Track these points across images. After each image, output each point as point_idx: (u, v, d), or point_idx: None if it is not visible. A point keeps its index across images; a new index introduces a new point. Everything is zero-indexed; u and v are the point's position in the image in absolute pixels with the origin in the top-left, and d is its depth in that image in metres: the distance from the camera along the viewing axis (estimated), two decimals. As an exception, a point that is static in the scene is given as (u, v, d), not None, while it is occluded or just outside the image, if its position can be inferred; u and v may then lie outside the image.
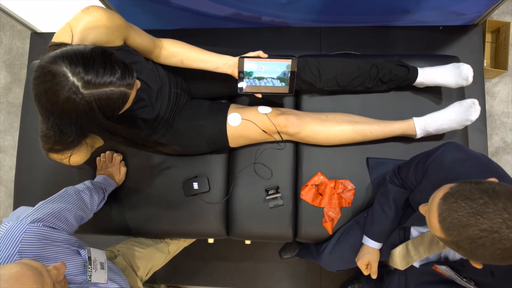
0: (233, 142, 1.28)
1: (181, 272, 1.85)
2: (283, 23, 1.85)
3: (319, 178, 1.34)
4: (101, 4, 1.63)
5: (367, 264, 1.14)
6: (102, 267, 0.94)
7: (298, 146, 1.39)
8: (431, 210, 0.71)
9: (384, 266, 1.32)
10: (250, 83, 1.17)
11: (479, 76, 1.78)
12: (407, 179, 1.05)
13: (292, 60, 1.13)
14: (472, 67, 1.22)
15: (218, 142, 1.27)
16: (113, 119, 0.85)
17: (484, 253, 0.64)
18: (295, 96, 1.43)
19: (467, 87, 1.29)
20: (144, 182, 1.37)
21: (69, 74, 0.74)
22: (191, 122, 1.25)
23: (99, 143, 1.10)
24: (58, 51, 0.77)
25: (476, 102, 1.18)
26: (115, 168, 1.33)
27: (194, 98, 1.35)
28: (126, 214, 1.37)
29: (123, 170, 1.35)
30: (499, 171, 0.86)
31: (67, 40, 0.86)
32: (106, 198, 1.24)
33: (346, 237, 1.25)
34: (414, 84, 1.31)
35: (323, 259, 1.31)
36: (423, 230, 1.06)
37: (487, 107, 1.86)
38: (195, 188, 1.33)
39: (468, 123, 1.20)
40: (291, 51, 1.53)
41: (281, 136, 1.27)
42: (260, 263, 1.83)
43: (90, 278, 0.88)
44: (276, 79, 1.17)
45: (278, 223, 1.35)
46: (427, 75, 1.27)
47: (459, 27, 1.83)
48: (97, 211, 1.19)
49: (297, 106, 1.43)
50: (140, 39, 1.04)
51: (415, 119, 1.26)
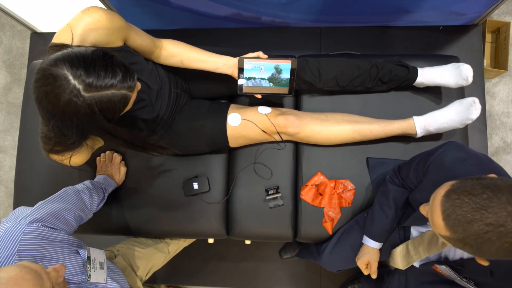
0: (233, 142, 1.28)
1: (181, 272, 1.85)
2: (283, 23, 1.85)
3: (319, 178, 1.34)
4: (101, 5, 1.64)
5: (367, 264, 1.14)
6: (102, 267, 0.94)
7: (298, 146, 1.39)
8: (433, 209, 0.70)
9: (384, 266, 1.32)
10: (250, 84, 1.17)
11: (479, 76, 1.78)
12: (407, 179, 1.05)
13: (292, 61, 1.13)
14: (472, 67, 1.22)
15: (218, 142, 1.27)
16: (114, 121, 0.85)
17: (490, 248, 0.63)
18: (295, 96, 1.43)
19: (467, 87, 1.29)
20: (144, 182, 1.37)
21: (70, 77, 0.74)
22: (191, 122, 1.25)
23: (99, 144, 1.10)
24: (59, 53, 0.76)
25: (476, 100, 1.18)
26: (115, 168, 1.33)
27: (194, 98, 1.35)
28: (126, 214, 1.37)
29: (123, 170, 1.35)
30: (499, 171, 0.86)
31: (67, 41, 0.86)
32: (106, 198, 1.24)
33: (346, 237, 1.25)
34: (414, 84, 1.31)
35: (323, 259, 1.31)
36: (423, 230, 1.06)
37: (487, 107, 1.86)
38: (195, 188, 1.33)
39: (469, 121, 1.19)
40: (291, 51, 1.53)
41: (281, 136, 1.27)
42: (260, 263, 1.83)
43: (89, 278, 0.88)
44: (276, 79, 1.17)
45: (278, 223, 1.35)
46: (427, 75, 1.27)
47: (459, 27, 1.83)
48: (97, 211, 1.19)
49: (297, 106, 1.43)
50: (140, 40, 1.04)
51: (415, 118, 1.26)
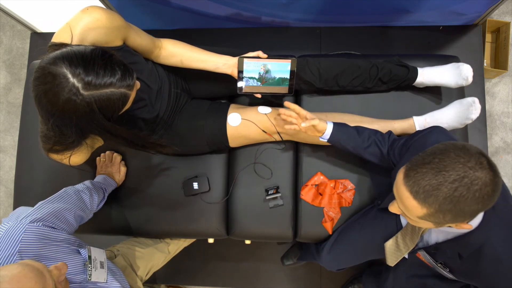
0: (233, 142, 1.28)
1: (181, 272, 1.85)
2: (283, 23, 1.85)
3: (319, 178, 1.34)
4: (101, 4, 1.64)
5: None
6: (102, 266, 0.95)
7: (298, 146, 1.39)
8: (401, 195, 0.74)
9: (382, 263, 1.32)
10: (249, 83, 1.17)
11: (479, 76, 1.78)
12: (392, 151, 1.04)
13: (292, 60, 1.13)
14: (472, 67, 1.22)
15: (218, 142, 1.27)
16: (113, 120, 0.85)
17: (466, 202, 0.67)
18: (295, 96, 1.43)
19: (467, 87, 1.29)
20: (144, 182, 1.37)
21: (69, 76, 0.74)
22: (191, 122, 1.25)
23: (99, 143, 1.10)
24: (58, 52, 0.77)
25: (476, 100, 1.18)
26: (115, 168, 1.33)
27: (194, 98, 1.35)
28: (126, 214, 1.37)
29: (123, 170, 1.35)
30: None
31: (66, 40, 0.86)
32: (106, 198, 1.24)
33: (344, 235, 1.25)
34: (414, 84, 1.31)
35: (322, 258, 1.31)
36: None
37: (487, 107, 1.86)
38: (195, 188, 1.33)
39: (469, 121, 1.19)
40: (291, 51, 1.53)
41: (281, 136, 1.27)
42: (260, 263, 1.83)
43: (90, 277, 0.88)
44: (275, 80, 1.17)
45: (278, 223, 1.35)
46: (427, 75, 1.27)
47: (459, 27, 1.83)
48: (97, 211, 1.19)
49: (297, 106, 1.42)
50: (140, 39, 1.04)
51: (415, 118, 1.26)
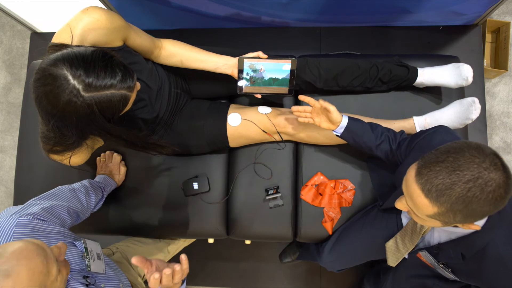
0: (233, 142, 1.28)
1: (181, 272, 1.85)
2: (283, 23, 1.85)
3: (319, 178, 1.34)
4: (101, 4, 1.64)
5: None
6: (99, 258, 0.94)
7: (298, 146, 1.39)
8: (412, 193, 0.72)
9: (382, 263, 1.33)
10: (249, 84, 1.17)
11: (479, 76, 1.78)
12: (399, 150, 1.04)
13: (292, 61, 1.13)
14: (472, 67, 1.22)
15: (218, 142, 1.27)
16: (113, 121, 0.85)
17: (478, 203, 0.66)
18: (295, 97, 1.43)
19: (467, 87, 1.29)
20: (144, 182, 1.37)
21: (70, 77, 0.74)
22: (191, 122, 1.26)
23: (99, 143, 1.10)
24: (59, 53, 0.77)
25: (476, 100, 1.18)
26: (115, 168, 1.33)
27: (194, 98, 1.35)
28: (126, 214, 1.36)
29: (123, 170, 1.35)
30: None
31: (67, 40, 0.86)
32: (105, 197, 1.23)
33: (345, 235, 1.25)
34: (414, 84, 1.31)
35: (323, 259, 1.31)
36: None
37: (487, 107, 1.86)
38: (195, 188, 1.33)
39: (469, 121, 1.20)
40: (291, 51, 1.53)
41: (281, 136, 1.27)
42: (260, 263, 1.83)
43: (89, 267, 0.88)
44: (275, 80, 1.17)
45: (278, 223, 1.35)
46: (427, 75, 1.27)
47: (459, 27, 1.83)
48: (96, 210, 1.19)
49: (297, 106, 1.42)
50: (140, 40, 1.04)
51: (415, 118, 1.26)
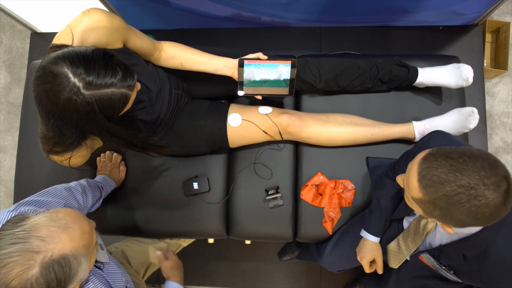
0: (233, 143, 1.28)
1: (181, 272, 1.85)
2: (283, 23, 1.85)
3: (319, 178, 1.34)
4: (101, 4, 1.64)
5: (371, 262, 1.14)
6: (102, 248, 0.95)
7: (298, 146, 1.39)
8: (410, 172, 0.74)
9: (383, 264, 1.33)
10: (250, 85, 1.17)
11: (479, 76, 1.78)
12: (399, 172, 1.06)
13: (292, 62, 1.13)
14: (472, 67, 1.23)
15: (218, 142, 1.27)
16: (113, 121, 0.85)
17: (459, 210, 0.66)
18: (295, 96, 1.43)
19: (467, 87, 1.29)
20: (144, 182, 1.37)
21: (70, 75, 0.74)
22: (191, 122, 1.25)
23: (98, 144, 1.10)
24: (60, 52, 0.77)
25: (475, 111, 1.20)
26: (115, 168, 1.33)
27: (194, 98, 1.35)
28: (126, 214, 1.37)
29: (123, 170, 1.35)
30: None
31: (67, 41, 0.86)
32: (104, 197, 1.23)
33: (346, 236, 1.25)
34: (414, 84, 1.31)
35: (323, 260, 1.31)
36: (412, 219, 1.07)
37: (487, 107, 1.86)
38: (195, 188, 1.33)
39: (466, 130, 1.21)
40: (291, 51, 1.53)
41: (281, 136, 1.27)
42: (260, 263, 1.83)
43: None
44: (275, 81, 1.16)
45: (278, 223, 1.35)
46: (427, 76, 1.27)
47: (459, 27, 1.83)
48: (94, 210, 1.19)
49: (297, 106, 1.43)
50: (140, 42, 1.04)
51: (414, 123, 1.27)
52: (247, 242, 1.54)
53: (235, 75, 1.14)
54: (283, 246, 1.73)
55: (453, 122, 1.22)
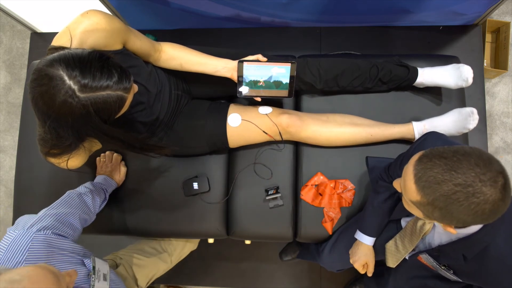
0: (233, 143, 1.28)
1: (181, 272, 1.85)
2: (283, 23, 1.85)
3: (319, 178, 1.34)
4: (101, 4, 1.64)
5: (364, 265, 1.15)
6: (105, 279, 0.94)
7: (298, 146, 1.39)
8: (406, 174, 0.73)
9: (384, 263, 1.33)
10: (249, 87, 1.16)
11: (479, 76, 1.78)
12: (395, 175, 1.06)
13: (291, 64, 1.13)
14: (472, 67, 1.23)
15: (218, 143, 1.27)
16: (109, 123, 0.85)
17: (458, 209, 0.66)
18: (295, 96, 1.43)
19: (467, 87, 1.29)
20: (144, 182, 1.37)
21: (65, 78, 0.74)
22: (191, 122, 1.25)
23: (96, 146, 1.09)
24: (56, 54, 0.77)
25: (475, 111, 1.20)
26: (115, 168, 1.33)
27: (194, 98, 1.35)
28: (126, 214, 1.37)
29: (123, 170, 1.35)
30: None
31: (66, 44, 0.86)
32: (107, 198, 1.24)
33: (345, 236, 1.26)
34: (414, 84, 1.31)
35: (322, 259, 1.31)
36: (409, 219, 1.08)
37: (487, 107, 1.86)
38: (195, 188, 1.33)
39: (466, 131, 1.21)
40: (291, 51, 1.53)
41: (281, 136, 1.27)
42: (260, 263, 1.83)
43: (93, 287, 0.88)
44: (275, 83, 1.16)
45: (278, 223, 1.35)
46: (427, 76, 1.27)
47: (459, 27, 1.83)
48: (98, 211, 1.19)
49: (297, 107, 1.43)
50: (139, 43, 1.04)
51: (414, 123, 1.27)
52: (247, 242, 1.54)
53: (234, 77, 1.14)
54: (284, 246, 1.73)
55: (452, 122, 1.22)
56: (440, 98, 1.36)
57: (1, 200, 2.09)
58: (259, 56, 1.12)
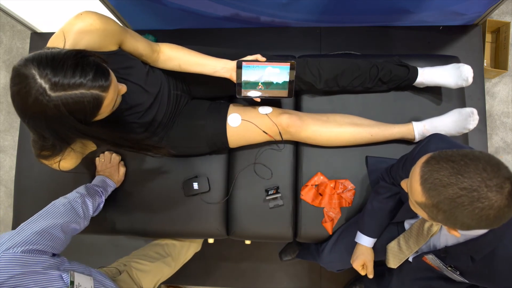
0: (232, 143, 1.28)
1: (181, 272, 1.84)
2: (283, 23, 1.85)
3: (319, 178, 1.34)
4: (101, 4, 1.63)
5: (363, 265, 1.15)
6: None
7: (298, 146, 1.39)
8: (413, 176, 0.73)
9: (385, 264, 1.32)
10: (248, 87, 1.16)
11: (479, 76, 1.78)
12: (397, 176, 1.06)
13: (291, 63, 1.12)
14: (472, 67, 1.23)
15: (218, 143, 1.27)
16: (86, 123, 0.81)
17: (463, 213, 0.66)
18: (295, 96, 1.43)
19: (467, 87, 1.29)
20: (144, 182, 1.37)
21: (37, 76, 0.73)
22: (191, 123, 1.25)
23: (90, 148, 1.07)
24: (31, 54, 0.76)
25: (475, 111, 1.20)
26: (114, 169, 1.33)
27: (194, 98, 1.35)
28: (126, 214, 1.37)
29: (122, 170, 1.34)
30: None
31: (60, 45, 0.85)
32: (104, 200, 1.22)
33: (345, 236, 1.26)
34: (414, 84, 1.31)
35: (322, 259, 1.31)
36: (413, 221, 1.07)
37: (487, 107, 1.86)
38: (195, 188, 1.33)
39: (466, 131, 1.21)
40: (291, 51, 1.53)
41: (281, 136, 1.27)
42: (260, 263, 1.83)
43: None
44: (274, 83, 1.16)
45: (278, 223, 1.35)
46: (427, 75, 1.27)
47: (459, 27, 1.83)
48: (96, 214, 1.18)
49: (297, 106, 1.43)
50: (136, 44, 1.03)
51: (414, 123, 1.27)
52: (247, 242, 1.54)
53: (234, 77, 1.14)
54: (284, 246, 1.73)
55: (452, 122, 1.22)
56: (440, 98, 1.36)
57: (1, 200, 2.09)
58: (258, 56, 1.12)
